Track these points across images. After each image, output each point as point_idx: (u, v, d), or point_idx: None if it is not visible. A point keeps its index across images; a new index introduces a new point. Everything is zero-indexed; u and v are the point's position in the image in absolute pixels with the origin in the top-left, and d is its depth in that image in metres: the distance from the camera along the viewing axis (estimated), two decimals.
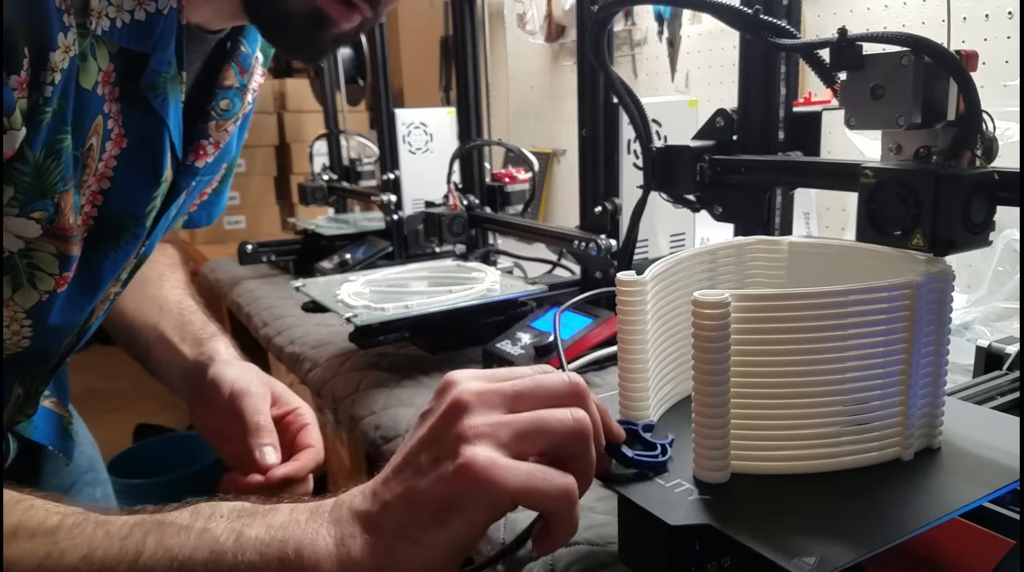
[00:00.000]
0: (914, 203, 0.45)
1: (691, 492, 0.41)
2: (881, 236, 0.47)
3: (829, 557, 0.35)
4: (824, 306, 0.40)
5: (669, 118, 0.90)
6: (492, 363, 0.82)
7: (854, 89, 0.48)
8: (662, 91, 1.66)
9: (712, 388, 0.40)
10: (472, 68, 1.14)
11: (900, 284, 0.41)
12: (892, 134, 0.48)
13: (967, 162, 0.45)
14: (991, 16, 1.02)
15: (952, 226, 0.44)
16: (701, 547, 0.41)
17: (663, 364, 0.50)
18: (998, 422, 0.49)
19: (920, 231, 0.45)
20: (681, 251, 0.52)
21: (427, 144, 1.44)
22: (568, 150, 2.08)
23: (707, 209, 0.65)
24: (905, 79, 0.44)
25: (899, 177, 0.45)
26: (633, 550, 0.46)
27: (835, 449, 0.42)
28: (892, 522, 0.38)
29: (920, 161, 0.46)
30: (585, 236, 0.87)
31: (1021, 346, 0.64)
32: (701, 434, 0.41)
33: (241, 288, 1.45)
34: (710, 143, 0.64)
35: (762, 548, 0.36)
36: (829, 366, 0.41)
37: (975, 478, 0.42)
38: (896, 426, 0.43)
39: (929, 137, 0.45)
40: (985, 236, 0.46)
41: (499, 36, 2.19)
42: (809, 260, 0.54)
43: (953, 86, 0.44)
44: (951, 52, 0.44)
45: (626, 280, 0.46)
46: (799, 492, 0.41)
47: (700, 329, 0.40)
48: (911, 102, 0.44)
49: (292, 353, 1.06)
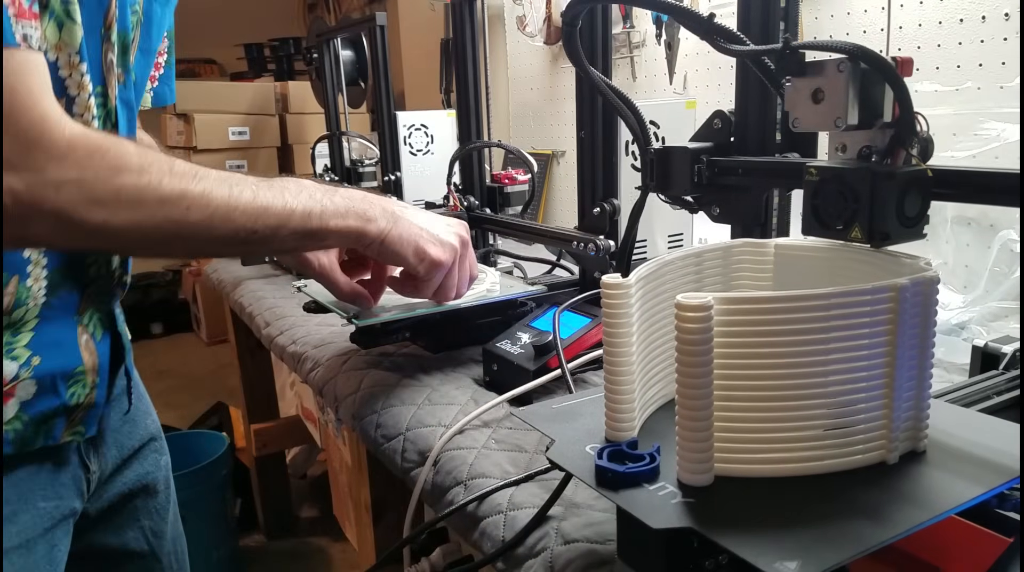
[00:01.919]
0: (853, 199, 0.48)
1: (675, 495, 0.41)
2: (824, 229, 0.51)
3: (811, 561, 0.35)
4: (807, 309, 0.40)
5: (667, 120, 0.90)
6: (492, 362, 0.83)
7: (798, 93, 0.51)
8: (660, 93, 1.67)
9: (695, 391, 0.40)
10: (472, 70, 1.14)
11: (883, 287, 0.41)
12: (837, 135, 0.51)
13: (903, 160, 0.48)
14: (988, 18, 1.03)
15: (887, 219, 0.47)
16: (699, 544, 0.42)
17: (648, 368, 0.50)
18: (984, 424, 0.49)
19: (858, 224, 0.48)
20: (668, 254, 0.52)
21: (428, 146, 1.45)
22: (567, 151, 2.08)
23: (705, 210, 0.66)
24: (842, 84, 0.48)
25: (840, 175, 0.49)
26: (632, 547, 0.46)
27: (819, 452, 0.42)
28: (876, 525, 0.38)
29: (861, 160, 0.49)
30: (584, 237, 0.87)
31: (1021, 345, 0.64)
32: (684, 437, 0.41)
33: (244, 288, 1.46)
34: (708, 145, 0.64)
35: (744, 552, 0.36)
36: (812, 369, 0.41)
37: (961, 480, 0.42)
38: (880, 429, 0.43)
39: (870, 137, 0.49)
40: (919, 229, 0.49)
41: (499, 38, 2.20)
42: (796, 262, 0.54)
43: (890, 90, 0.48)
44: (885, 59, 0.47)
45: (611, 282, 0.45)
46: (782, 495, 0.41)
47: (683, 332, 0.40)
48: (848, 105, 0.48)
49: (294, 353, 1.07)
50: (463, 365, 0.91)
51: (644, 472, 0.43)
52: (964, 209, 1.04)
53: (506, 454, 0.69)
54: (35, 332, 0.64)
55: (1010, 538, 0.42)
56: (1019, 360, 0.64)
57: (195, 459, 1.79)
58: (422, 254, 0.72)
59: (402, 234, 0.71)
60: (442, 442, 0.71)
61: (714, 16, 0.55)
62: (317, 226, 0.64)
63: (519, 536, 0.57)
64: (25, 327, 0.64)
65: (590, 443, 0.47)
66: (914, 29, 1.13)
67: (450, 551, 0.91)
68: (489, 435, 0.72)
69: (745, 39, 0.54)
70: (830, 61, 0.49)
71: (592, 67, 0.67)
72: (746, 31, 0.61)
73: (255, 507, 2.10)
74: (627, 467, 0.43)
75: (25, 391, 0.63)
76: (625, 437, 0.47)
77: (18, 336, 0.63)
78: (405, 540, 0.75)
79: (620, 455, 0.44)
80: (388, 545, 1.03)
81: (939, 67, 1.10)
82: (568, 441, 0.48)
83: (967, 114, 1.03)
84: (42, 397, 0.65)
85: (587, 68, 0.66)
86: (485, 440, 0.71)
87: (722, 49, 0.55)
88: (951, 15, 1.08)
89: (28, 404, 0.64)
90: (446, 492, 0.67)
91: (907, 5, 1.13)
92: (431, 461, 0.70)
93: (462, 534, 0.64)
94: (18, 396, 0.63)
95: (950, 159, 1.05)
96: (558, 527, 0.57)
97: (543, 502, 0.59)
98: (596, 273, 0.88)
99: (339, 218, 0.66)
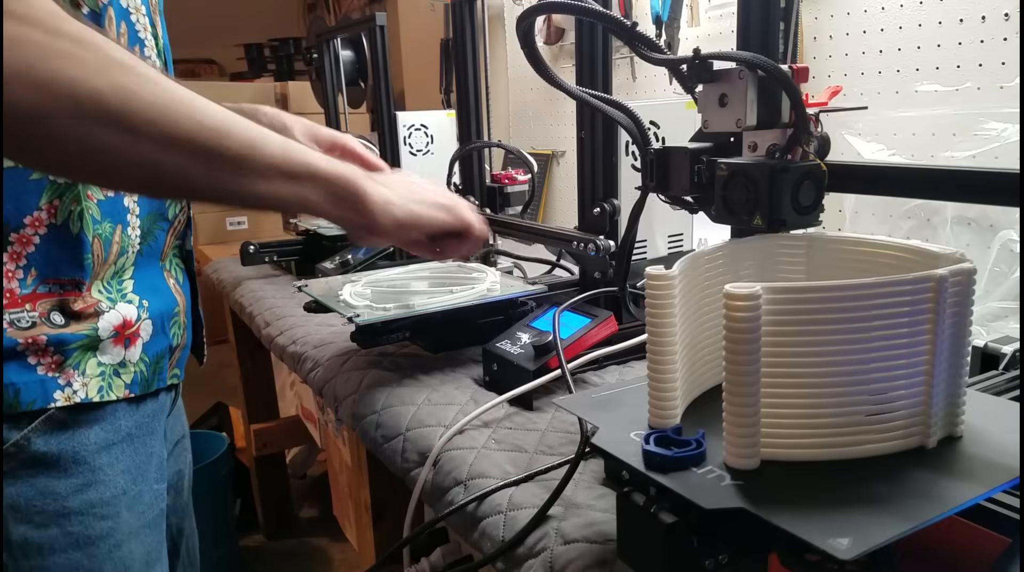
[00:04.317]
0: (754, 190, 0.55)
1: (723, 478, 0.42)
2: (733, 218, 0.58)
3: (862, 537, 0.36)
4: (851, 298, 0.42)
5: (667, 120, 0.90)
6: (492, 362, 0.83)
7: (707, 98, 0.58)
8: (660, 93, 1.67)
9: (743, 377, 0.42)
10: (472, 70, 1.14)
11: (924, 277, 0.43)
12: (748, 135, 0.58)
13: (799, 157, 0.55)
14: (988, 18, 1.03)
15: (783, 208, 0.54)
16: (699, 544, 0.42)
17: (687, 358, 0.51)
18: (1015, 411, 0.50)
19: (759, 213, 0.55)
20: (704, 247, 0.54)
21: (428, 146, 1.45)
22: (567, 151, 2.08)
23: (704, 210, 0.66)
24: (742, 90, 0.55)
25: (744, 170, 0.56)
26: (632, 547, 0.46)
27: (861, 436, 0.44)
28: (923, 503, 0.39)
29: (768, 156, 0.56)
30: (584, 237, 0.87)
31: (1021, 345, 0.64)
32: (732, 423, 0.43)
33: (244, 288, 1.46)
34: (708, 145, 0.64)
35: (797, 529, 0.37)
36: (855, 356, 0.42)
37: (999, 463, 0.43)
38: (920, 414, 0.45)
39: (777, 136, 0.56)
40: (814, 217, 0.56)
41: (499, 39, 2.20)
42: (829, 255, 0.56)
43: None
44: (779, 67, 0.54)
45: (656, 274, 0.47)
46: (827, 477, 0.42)
47: (732, 321, 0.41)
48: (747, 108, 0.55)
49: (294, 353, 1.07)
50: (463, 365, 0.91)
51: (692, 456, 0.44)
52: (964, 209, 1.04)
53: (506, 454, 0.69)
54: (134, 279, 0.67)
55: (1010, 538, 0.42)
56: (1019, 360, 0.64)
57: (195, 459, 1.77)
58: (440, 205, 0.66)
59: (398, 191, 0.63)
60: (442, 442, 0.71)
61: (636, 24, 0.61)
62: (300, 162, 0.55)
63: (519, 536, 0.57)
64: (125, 274, 0.67)
65: (633, 430, 0.48)
66: (914, 29, 1.13)
67: (450, 551, 0.91)
68: (489, 435, 0.72)
69: (664, 48, 0.61)
70: (734, 69, 0.55)
71: (592, 72, 0.67)
72: (746, 31, 0.61)
73: (255, 507, 2.10)
74: (675, 452, 0.44)
75: (146, 332, 0.67)
76: (669, 424, 0.48)
77: (123, 283, 0.66)
78: (405, 540, 0.75)
79: (666, 440, 0.45)
80: (388, 545, 1.03)
81: (939, 67, 1.10)
82: (611, 428, 0.49)
83: (967, 114, 1.03)
84: (156, 338, 0.68)
85: (550, 72, 0.69)
86: (485, 440, 0.71)
87: (643, 56, 0.61)
88: (951, 15, 1.07)
89: (148, 345, 0.67)
90: (446, 492, 0.67)
91: (907, 5, 1.13)
92: (431, 461, 0.70)
93: (462, 534, 0.64)
94: (141, 337, 0.67)
95: (950, 159, 1.05)
96: (558, 527, 0.57)
97: (543, 502, 0.59)
98: (596, 273, 0.88)
99: (327, 163, 0.57)
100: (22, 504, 0.60)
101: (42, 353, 0.60)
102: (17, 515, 0.60)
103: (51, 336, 0.60)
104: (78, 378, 0.61)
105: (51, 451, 0.60)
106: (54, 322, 0.61)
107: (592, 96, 0.70)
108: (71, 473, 0.61)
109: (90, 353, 0.63)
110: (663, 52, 0.60)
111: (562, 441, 0.70)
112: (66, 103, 0.43)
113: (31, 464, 0.60)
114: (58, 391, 0.60)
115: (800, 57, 1.28)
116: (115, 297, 0.65)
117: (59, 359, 0.61)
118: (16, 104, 0.42)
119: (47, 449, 0.60)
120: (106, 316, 0.63)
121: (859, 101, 1.22)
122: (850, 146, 1.15)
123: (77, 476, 0.62)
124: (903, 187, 0.56)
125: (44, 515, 0.60)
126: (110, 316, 0.64)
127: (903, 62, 1.15)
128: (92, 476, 0.63)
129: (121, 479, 0.65)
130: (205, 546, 1.85)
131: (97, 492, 0.63)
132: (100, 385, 0.63)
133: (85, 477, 0.62)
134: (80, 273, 0.62)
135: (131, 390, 0.65)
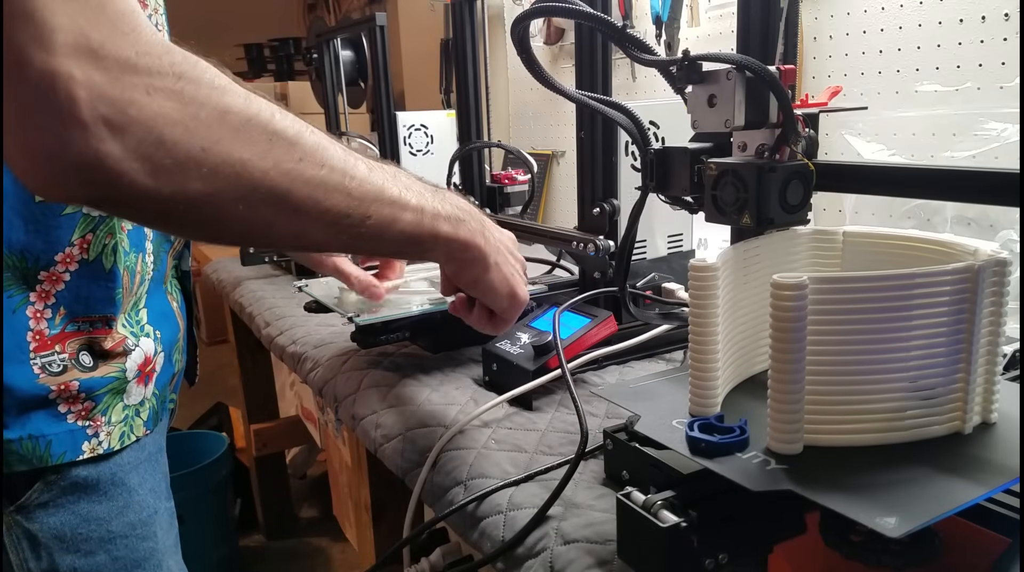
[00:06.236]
0: (743, 189, 0.55)
1: (768, 463, 0.43)
2: (722, 216, 0.58)
3: (908, 516, 0.37)
4: (892, 289, 0.43)
5: (667, 120, 0.90)
6: (492, 362, 0.83)
7: (696, 99, 0.59)
8: (660, 93, 1.67)
9: (789, 365, 0.43)
10: (472, 70, 1.14)
11: (963, 268, 0.44)
12: (738, 135, 0.58)
13: (787, 157, 0.55)
14: (988, 18, 1.03)
15: (771, 207, 0.55)
16: (699, 544, 0.42)
17: (725, 350, 0.52)
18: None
19: (748, 211, 0.55)
20: (743, 242, 0.55)
21: (427, 146, 1.45)
22: (567, 151, 2.09)
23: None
24: (730, 90, 0.55)
25: (733, 169, 0.56)
26: (632, 547, 0.46)
27: (900, 422, 0.45)
28: (966, 485, 0.40)
29: (756, 156, 0.57)
30: (583, 237, 0.87)
31: (1021, 345, 0.64)
32: (778, 409, 0.44)
33: (243, 288, 1.46)
34: (708, 145, 0.64)
35: (845, 509, 0.38)
36: (896, 344, 0.44)
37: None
38: (957, 401, 0.46)
39: (765, 136, 0.56)
40: (802, 215, 0.57)
41: (499, 39, 2.20)
42: (862, 249, 0.58)
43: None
44: (766, 69, 0.54)
45: (700, 265, 0.48)
46: (869, 461, 0.43)
47: (779, 309, 0.42)
48: (735, 109, 0.56)
49: (294, 353, 1.07)
50: (463, 365, 0.91)
51: (736, 442, 0.45)
52: (964, 209, 1.04)
53: (506, 454, 0.69)
54: (147, 307, 0.65)
55: (1009, 538, 0.42)
56: (1019, 360, 0.64)
57: (195, 459, 1.79)
58: (514, 295, 0.62)
59: (502, 267, 0.60)
60: (442, 442, 0.71)
61: (627, 26, 0.61)
62: (429, 229, 0.52)
63: (519, 536, 0.57)
64: (141, 303, 0.65)
65: (675, 418, 0.49)
66: (914, 29, 1.13)
67: (450, 551, 0.91)
68: (489, 435, 0.72)
69: (654, 49, 0.60)
70: (722, 70, 0.56)
71: (592, 72, 0.67)
72: (746, 31, 0.61)
73: (255, 507, 2.10)
74: (720, 438, 0.45)
75: (159, 365, 0.65)
76: (711, 412, 0.49)
77: (139, 313, 0.64)
78: (405, 540, 0.75)
79: (709, 428, 0.46)
80: (388, 545, 1.03)
81: (939, 67, 1.10)
82: (653, 417, 0.50)
83: (967, 114, 1.03)
84: (164, 368, 0.66)
85: (547, 76, 0.69)
86: (485, 440, 0.71)
87: (633, 57, 0.60)
88: (951, 15, 1.08)
89: (159, 377, 0.65)
90: (446, 492, 0.67)
91: (907, 5, 1.13)
92: (431, 461, 0.70)
93: (462, 534, 0.64)
94: (156, 372, 0.65)
95: (950, 159, 1.05)
96: (558, 527, 0.57)
97: (543, 502, 0.59)
98: (596, 273, 0.88)
99: (449, 224, 0.54)
100: (67, 533, 0.58)
101: (73, 400, 0.58)
102: (63, 545, 0.58)
103: (82, 382, 0.58)
104: (104, 428, 0.60)
105: (91, 475, 0.60)
106: (83, 364, 0.59)
107: (590, 98, 0.70)
108: (111, 496, 0.61)
109: (118, 397, 0.61)
110: (653, 53, 0.60)
111: (562, 441, 0.70)
112: (235, 186, 0.41)
113: (71, 490, 0.59)
114: (86, 442, 0.59)
115: (800, 57, 1.28)
116: (137, 332, 0.63)
117: (89, 406, 0.59)
118: (188, 190, 0.39)
119: (87, 473, 0.59)
120: (132, 356, 0.62)
121: (859, 101, 1.22)
122: (850, 146, 1.15)
123: (116, 498, 0.61)
124: (903, 187, 0.56)
125: (90, 542, 0.59)
126: (135, 355, 0.62)
127: (903, 62, 1.15)
128: (129, 497, 0.62)
129: (150, 498, 0.64)
130: (205, 546, 1.85)
131: (135, 513, 0.62)
132: (123, 431, 0.62)
133: (123, 499, 0.61)
134: (111, 309, 0.60)
135: (147, 427, 0.65)
